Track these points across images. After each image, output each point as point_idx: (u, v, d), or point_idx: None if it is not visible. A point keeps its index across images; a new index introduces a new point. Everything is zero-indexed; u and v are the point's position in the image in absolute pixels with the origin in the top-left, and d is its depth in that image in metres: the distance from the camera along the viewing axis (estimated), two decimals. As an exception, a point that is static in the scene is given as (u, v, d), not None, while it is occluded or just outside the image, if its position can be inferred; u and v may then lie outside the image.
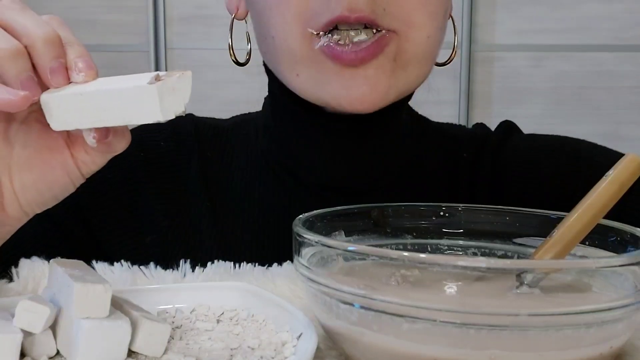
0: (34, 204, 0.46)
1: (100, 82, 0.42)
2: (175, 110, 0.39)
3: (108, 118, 0.40)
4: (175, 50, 2.08)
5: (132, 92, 0.39)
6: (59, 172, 0.45)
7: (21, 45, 0.41)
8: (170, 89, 0.39)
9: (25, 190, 0.45)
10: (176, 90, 0.39)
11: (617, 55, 1.95)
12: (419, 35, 0.55)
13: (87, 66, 0.42)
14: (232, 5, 0.65)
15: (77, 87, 0.42)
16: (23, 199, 0.45)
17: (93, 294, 0.36)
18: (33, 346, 0.37)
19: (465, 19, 1.94)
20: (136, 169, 0.66)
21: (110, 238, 0.65)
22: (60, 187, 0.46)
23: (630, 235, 0.43)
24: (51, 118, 0.42)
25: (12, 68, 0.41)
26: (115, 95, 0.39)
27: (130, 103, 0.39)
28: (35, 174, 0.45)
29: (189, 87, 0.40)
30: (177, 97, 0.39)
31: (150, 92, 0.38)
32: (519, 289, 0.40)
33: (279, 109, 0.65)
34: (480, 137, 0.69)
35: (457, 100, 1.98)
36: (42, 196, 0.46)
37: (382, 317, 0.36)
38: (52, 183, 0.45)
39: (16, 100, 0.40)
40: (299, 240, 0.41)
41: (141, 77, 0.40)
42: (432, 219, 0.51)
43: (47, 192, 0.46)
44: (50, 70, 0.42)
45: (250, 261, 0.55)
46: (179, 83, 0.39)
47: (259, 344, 0.40)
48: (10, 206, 0.45)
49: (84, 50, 0.43)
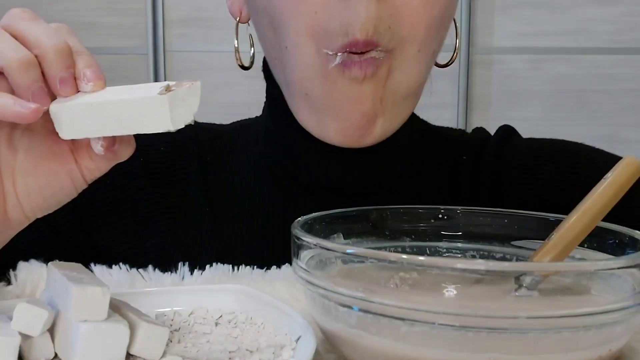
0: (36, 209, 0.46)
1: (109, 91, 0.42)
2: (185, 120, 0.40)
3: (118, 128, 0.41)
4: (174, 53, 2.09)
5: (143, 102, 0.39)
6: (62, 177, 0.46)
7: (32, 55, 0.42)
8: (180, 99, 0.39)
9: (28, 195, 0.45)
10: (185, 100, 0.40)
11: (615, 58, 1.95)
12: (409, 49, 0.55)
13: (95, 76, 0.42)
14: (235, 9, 0.65)
15: (86, 97, 0.42)
16: (26, 203, 0.46)
17: (91, 296, 0.36)
18: (31, 349, 0.37)
19: (464, 22, 1.94)
20: (135, 174, 0.66)
21: (109, 242, 0.65)
22: (64, 193, 0.46)
23: (629, 238, 0.43)
24: (61, 128, 0.43)
25: (24, 78, 0.41)
26: (126, 105, 0.40)
27: (141, 113, 0.40)
28: (39, 179, 0.45)
29: (198, 97, 0.40)
30: (186, 107, 0.40)
31: (162, 103, 0.39)
32: (517, 291, 0.40)
33: (278, 113, 0.65)
34: (479, 141, 0.70)
35: (456, 103, 1.98)
36: (45, 201, 0.46)
37: (381, 320, 0.35)
38: (56, 189, 0.46)
39: (27, 113, 0.40)
40: (297, 243, 0.41)
41: (150, 87, 0.40)
42: (431, 222, 0.51)
43: (51, 198, 0.46)
44: (60, 80, 0.42)
45: (249, 264, 0.55)
46: (188, 93, 0.40)
47: (257, 346, 0.40)
48: (13, 211, 0.46)
49: (92, 59, 0.44)
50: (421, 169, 0.66)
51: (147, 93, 0.39)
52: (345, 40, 0.53)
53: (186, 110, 0.40)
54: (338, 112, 0.56)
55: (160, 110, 0.39)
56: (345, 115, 0.56)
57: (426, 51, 0.57)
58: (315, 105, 0.57)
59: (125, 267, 0.54)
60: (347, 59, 0.53)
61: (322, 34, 0.54)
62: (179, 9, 2.07)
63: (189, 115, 0.40)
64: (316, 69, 0.55)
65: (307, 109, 0.58)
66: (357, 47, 0.53)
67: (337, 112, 0.56)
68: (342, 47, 0.53)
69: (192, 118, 0.40)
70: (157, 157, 0.67)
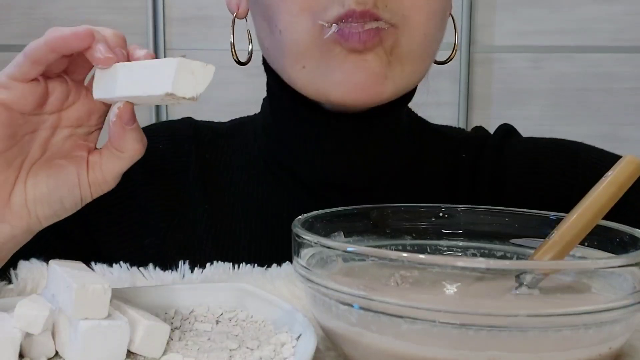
0: (41, 216, 0.48)
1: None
2: (186, 92, 0.41)
3: (133, 88, 0.43)
4: (175, 51, 2.08)
5: (157, 63, 0.42)
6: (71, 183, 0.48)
7: None
8: (189, 71, 0.41)
9: (35, 200, 0.48)
10: (195, 75, 0.41)
11: (616, 57, 1.95)
12: (416, 32, 0.56)
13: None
14: (233, 5, 0.65)
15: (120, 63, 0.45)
16: (31, 194, 0.47)
17: (92, 294, 0.36)
18: (32, 347, 0.37)
19: (464, 20, 1.94)
20: (134, 172, 0.66)
21: (108, 241, 0.65)
22: (70, 200, 0.49)
23: (629, 236, 0.43)
24: (96, 87, 0.46)
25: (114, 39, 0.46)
26: (144, 66, 0.43)
27: (152, 73, 0.42)
28: (50, 183, 0.48)
29: (208, 80, 0.42)
30: (193, 82, 0.41)
31: (170, 64, 0.40)
32: (518, 289, 0.40)
33: (278, 108, 0.65)
34: (479, 139, 0.70)
35: (457, 102, 1.98)
36: (50, 208, 0.48)
37: (382, 318, 0.36)
38: (64, 193, 0.48)
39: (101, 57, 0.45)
40: (298, 241, 0.41)
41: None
42: (432, 220, 0.51)
43: (56, 204, 0.48)
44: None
45: (249, 262, 0.55)
46: (200, 70, 0.41)
47: (258, 344, 0.40)
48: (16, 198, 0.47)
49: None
50: (420, 167, 0.66)
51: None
52: (341, 11, 0.53)
53: (192, 85, 0.41)
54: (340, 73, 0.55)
55: (167, 71, 0.40)
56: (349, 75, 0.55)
57: (432, 38, 0.57)
58: (314, 75, 0.56)
59: (126, 265, 0.54)
60: (345, 29, 0.53)
61: (317, 8, 0.54)
62: (179, 8, 2.07)
63: (192, 91, 0.41)
64: (311, 41, 0.55)
65: (307, 79, 0.57)
66: (353, 17, 0.53)
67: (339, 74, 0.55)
68: (338, 18, 0.53)
69: (195, 95, 0.41)
70: (156, 155, 0.67)
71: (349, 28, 0.53)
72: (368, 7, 0.53)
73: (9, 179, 0.47)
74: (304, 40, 0.55)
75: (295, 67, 0.57)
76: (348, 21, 0.53)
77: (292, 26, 0.55)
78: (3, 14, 0.47)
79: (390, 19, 0.54)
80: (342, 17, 0.53)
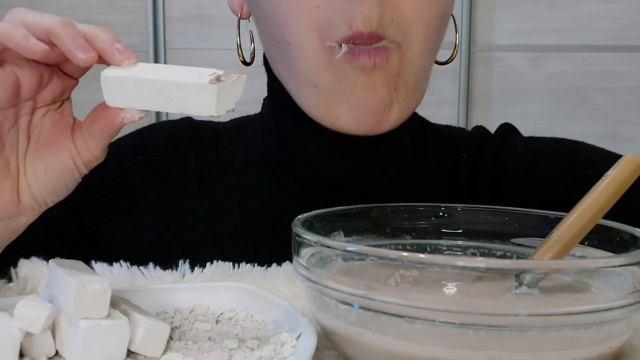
0: (44, 193, 0.48)
1: (158, 67, 0.45)
2: (226, 107, 0.43)
3: (165, 105, 0.43)
4: (175, 50, 2.08)
5: (195, 87, 0.42)
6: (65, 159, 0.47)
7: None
8: (227, 89, 0.42)
9: (36, 178, 0.47)
10: (231, 90, 0.43)
11: (616, 56, 1.95)
12: (416, 45, 0.56)
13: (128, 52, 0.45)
14: (235, 6, 0.65)
15: (137, 71, 0.44)
16: (35, 186, 0.47)
17: (92, 294, 0.36)
18: (32, 346, 0.37)
19: (464, 19, 1.94)
20: (134, 172, 0.66)
21: (108, 240, 0.65)
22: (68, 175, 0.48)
23: (629, 236, 0.43)
24: (109, 94, 0.45)
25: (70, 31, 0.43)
26: (178, 86, 0.42)
27: (190, 96, 0.42)
28: (45, 162, 0.47)
29: (242, 89, 0.44)
30: (230, 96, 0.43)
31: (211, 91, 0.42)
32: (518, 289, 0.40)
33: (279, 107, 0.65)
34: (479, 139, 0.70)
35: (457, 101, 1.98)
36: (52, 184, 0.48)
37: (381, 318, 0.36)
38: (61, 170, 0.47)
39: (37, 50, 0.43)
40: (298, 241, 0.41)
41: (199, 72, 0.43)
42: (431, 219, 0.51)
43: (57, 180, 0.48)
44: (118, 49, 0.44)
45: (249, 262, 0.55)
46: (234, 84, 0.43)
47: (258, 344, 0.40)
48: (24, 195, 0.47)
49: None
50: (421, 167, 0.66)
51: (198, 79, 0.42)
52: (348, 32, 0.53)
53: (230, 99, 0.43)
54: (351, 100, 0.56)
55: (209, 97, 0.42)
56: (359, 102, 0.56)
57: (430, 47, 0.57)
58: (325, 96, 0.57)
59: (126, 264, 0.54)
60: (355, 48, 0.53)
61: (325, 27, 0.54)
62: (179, 7, 2.07)
63: (231, 104, 0.43)
64: (322, 61, 0.55)
65: (316, 100, 0.57)
66: (361, 39, 0.53)
67: (350, 101, 0.56)
68: (346, 39, 0.53)
69: (234, 106, 0.43)
70: (155, 155, 0.67)
71: (358, 48, 0.53)
72: (374, 29, 0.53)
73: (12, 179, 0.47)
74: (315, 59, 0.55)
75: (307, 84, 0.57)
76: (356, 43, 0.53)
77: (302, 42, 0.55)
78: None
79: (395, 37, 0.54)
80: (350, 38, 0.53)
